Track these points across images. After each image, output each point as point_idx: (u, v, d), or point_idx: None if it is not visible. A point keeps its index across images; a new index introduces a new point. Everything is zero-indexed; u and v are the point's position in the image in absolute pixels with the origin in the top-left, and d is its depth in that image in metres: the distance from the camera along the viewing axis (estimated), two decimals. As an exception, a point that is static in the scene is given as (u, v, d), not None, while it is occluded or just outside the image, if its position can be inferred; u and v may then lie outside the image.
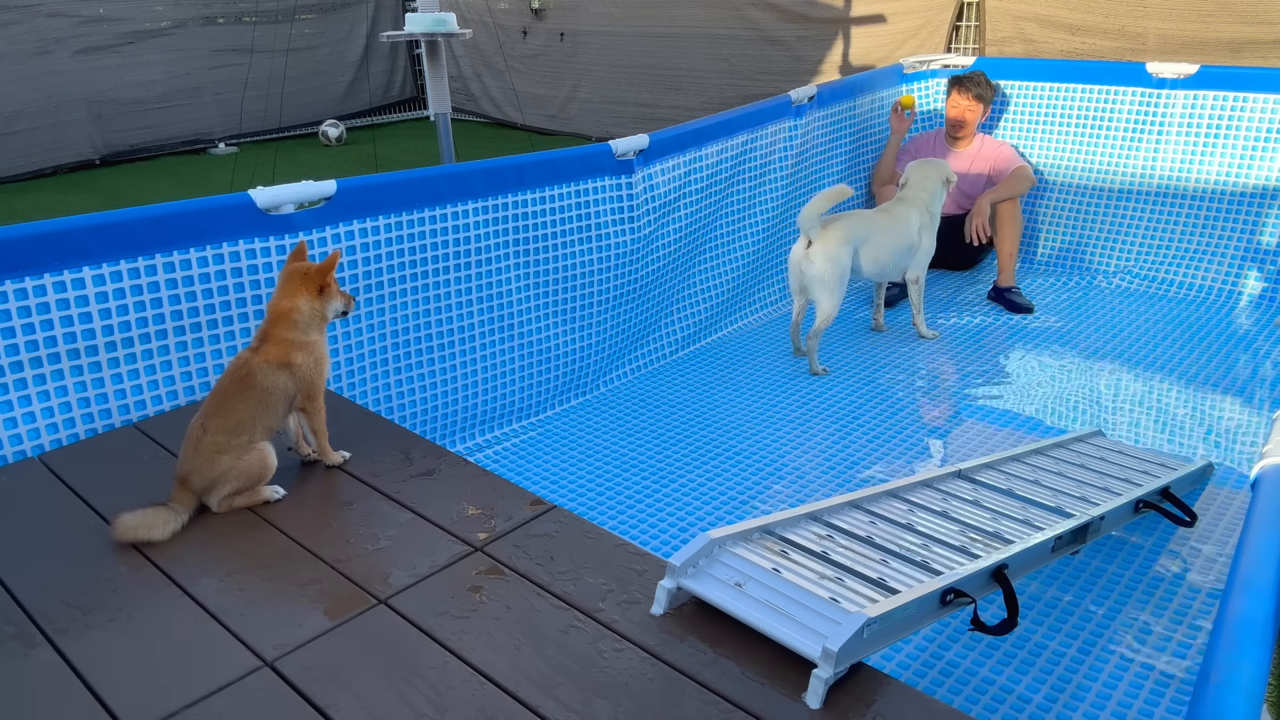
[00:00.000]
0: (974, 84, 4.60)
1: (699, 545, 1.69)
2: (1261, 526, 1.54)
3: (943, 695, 2.13)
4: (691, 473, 3.10)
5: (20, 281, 2.29)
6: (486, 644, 1.61)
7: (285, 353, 2.09)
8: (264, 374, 2.06)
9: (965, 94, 4.60)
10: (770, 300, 4.54)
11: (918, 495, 2.24)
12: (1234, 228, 4.45)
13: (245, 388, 2.04)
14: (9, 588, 1.80)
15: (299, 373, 2.10)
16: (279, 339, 2.10)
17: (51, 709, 1.49)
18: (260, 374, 2.05)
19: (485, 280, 3.29)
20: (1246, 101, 4.34)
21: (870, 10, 6.86)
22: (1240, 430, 3.29)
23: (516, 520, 1.99)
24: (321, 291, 2.16)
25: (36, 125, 7.95)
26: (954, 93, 4.64)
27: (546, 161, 3.35)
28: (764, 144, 4.24)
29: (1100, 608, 2.42)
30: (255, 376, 2.05)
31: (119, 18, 8.33)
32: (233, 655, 1.60)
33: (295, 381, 2.10)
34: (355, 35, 9.78)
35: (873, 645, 1.52)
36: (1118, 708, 2.09)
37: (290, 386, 2.09)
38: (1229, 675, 1.19)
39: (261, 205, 2.68)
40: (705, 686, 1.50)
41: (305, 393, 2.12)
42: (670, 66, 8.26)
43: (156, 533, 1.92)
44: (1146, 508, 2.52)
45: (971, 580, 1.77)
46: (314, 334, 2.15)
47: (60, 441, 2.39)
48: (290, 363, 2.09)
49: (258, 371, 2.05)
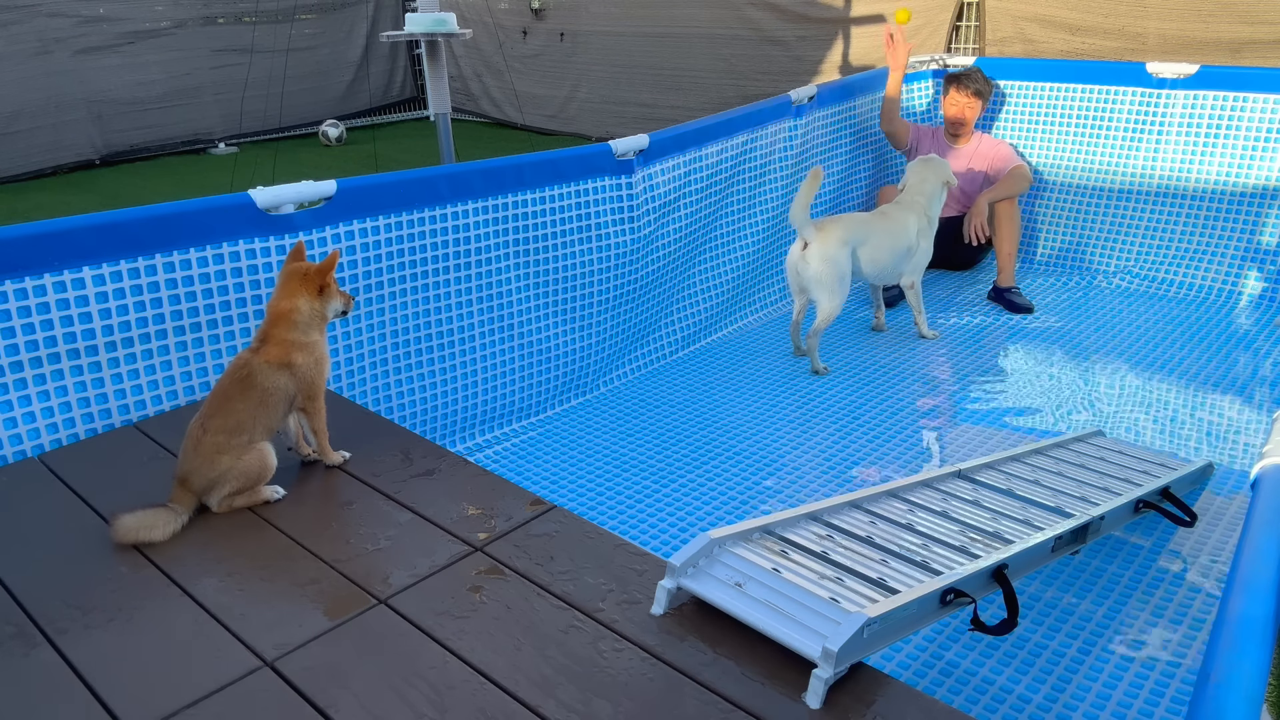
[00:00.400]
0: (972, 80, 4.60)
1: (699, 545, 1.69)
2: (1261, 526, 1.54)
3: (943, 695, 2.13)
4: (691, 473, 3.10)
5: (20, 281, 2.29)
6: (486, 644, 1.61)
7: (285, 353, 2.09)
8: (264, 374, 2.06)
9: (964, 91, 4.60)
10: (770, 300, 4.54)
11: (918, 495, 2.24)
12: (1234, 228, 4.45)
13: (245, 388, 2.04)
14: (9, 588, 1.80)
15: (299, 373, 2.10)
16: (279, 339, 2.10)
17: (51, 709, 1.49)
18: (260, 374, 2.05)
19: (485, 280, 3.29)
20: (1246, 101, 4.34)
21: (870, 10, 6.85)
22: (1240, 430, 3.29)
23: (516, 520, 1.99)
24: (321, 291, 2.16)
25: (36, 125, 7.95)
26: (952, 90, 4.64)
27: (546, 161, 3.35)
28: (764, 144, 4.24)
29: (1100, 608, 2.42)
30: (256, 377, 2.05)
31: (119, 18, 8.32)
32: (233, 655, 1.60)
33: (295, 382, 2.10)
34: (355, 35, 9.78)
35: (873, 645, 1.52)
36: (1118, 708, 2.09)
37: (290, 387, 2.09)
38: (1229, 675, 1.19)
39: (261, 205, 2.68)
40: (705, 686, 1.50)
41: (305, 393, 2.12)
42: (670, 66, 8.26)
43: (156, 534, 1.92)
44: (1146, 508, 2.52)
45: (971, 580, 1.77)
46: (314, 334, 2.15)
47: (60, 441, 2.39)
48: (290, 363, 2.09)
49: (258, 372, 2.05)
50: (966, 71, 4.66)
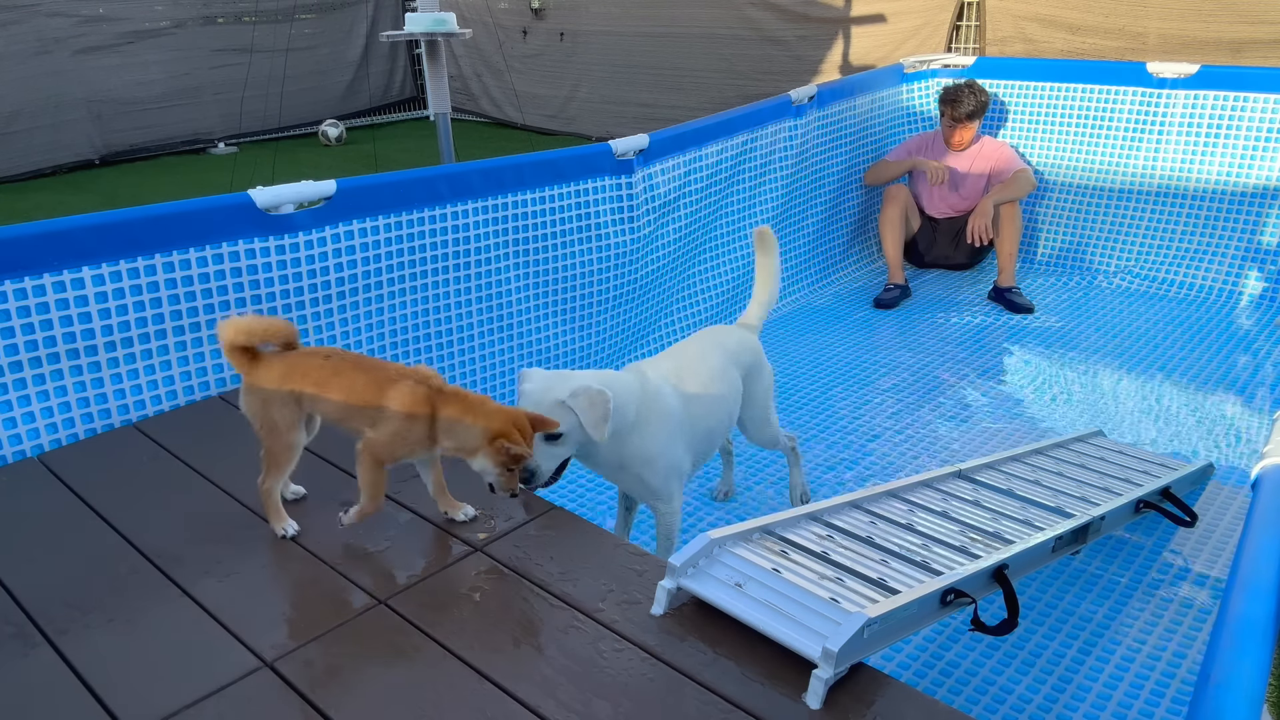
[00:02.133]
0: (964, 105, 4.51)
1: (699, 545, 1.69)
2: (1261, 526, 1.54)
3: (943, 695, 2.12)
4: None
5: (20, 281, 2.28)
6: (486, 644, 1.61)
7: (414, 404, 1.80)
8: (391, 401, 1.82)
9: (958, 116, 4.52)
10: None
11: (918, 495, 2.24)
12: (1234, 228, 4.45)
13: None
14: (9, 588, 1.80)
15: (381, 418, 1.82)
16: (426, 399, 1.81)
17: (51, 709, 1.49)
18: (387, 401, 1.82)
19: (485, 280, 3.29)
20: (1247, 101, 4.34)
21: (870, 10, 6.85)
22: (1240, 430, 3.29)
23: (516, 520, 1.98)
24: (493, 441, 1.78)
25: (36, 125, 7.95)
26: (947, 114, 4.58)
27: (546, 161, 3.34)
28: (764, 144, 4.24)
29: (1100, 608, 2.42)
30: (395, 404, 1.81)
31: (119, 17, 8.33)
32: (233, 655, 1.60)
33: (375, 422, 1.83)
34: (355, 35, 9.78)
35: (873, 645, 1.51)
36: (1118, 708, 2.09)
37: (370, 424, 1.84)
38: (1229, 675, 1.19)
39: (261, 205, 2.68)
40: (705, 687, 1.49)
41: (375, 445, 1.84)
42: (670, 66, 8.25)
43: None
44: (1147, 508, 2.51)
45: (972, 580, 1.76)
46: (427, 428, 1.82)
47: (60, 441, 2.39)
48: (397, 412, 1.81)
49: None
50: (959, 95, 4.55)
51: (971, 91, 4.55)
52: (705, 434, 2.40)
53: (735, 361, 2.52)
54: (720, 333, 2.60)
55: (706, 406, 2.39)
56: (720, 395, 2.44)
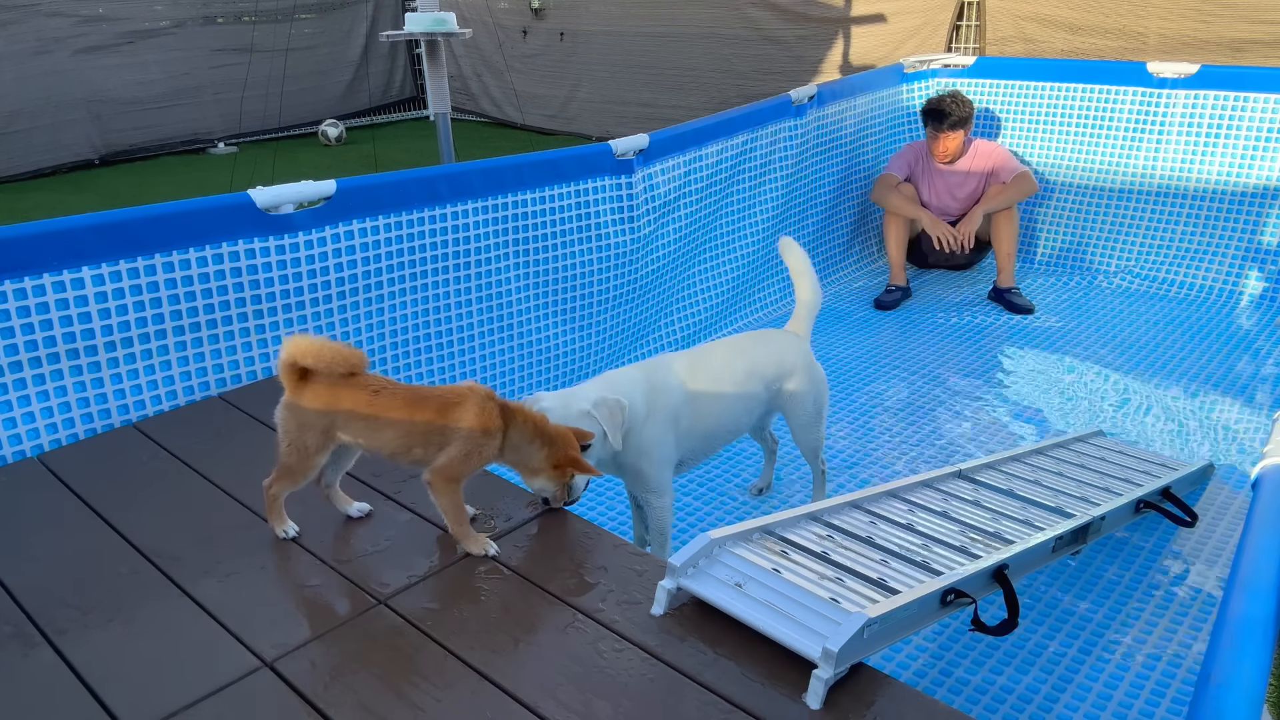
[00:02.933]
0: (946, 117, 4.44)
1: (699, 545, 1.69)
2: (1261, 527, 1.54)
3: (943, 696, 2.12)
4: (691, 473, 3.09)
5: (20, 281, 2.28)
6: (486, 644, 1.61)
7: (487, 421, 1.79)
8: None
9: (941, 129, 4.45)
10: (770, 300, 4.53)
11: (918, 495, 2.24)
12: (1235, 228, 4.45)
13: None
14: (9, 588, 1.79)
15: (454, 435, 1.79)
16: (500, 414, 1.80)
17: (51, 709, 1.49)
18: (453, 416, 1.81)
19: (485, 280, 3.29)
20: (1247, 101, 4.34)
21: (870, 10, 6.85)
22: (1240, 430, 3.29)
23: (516, 520, 1.98)
24: (561, 467, 1.82)
25: (36, 125, 7.95)
26: (929, 129, 4.51)
27: (546, 161, 3.34)
28: (764, 144, 4.24)
29: (1100, 608, 2.42)
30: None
31: (118, 17, 8.33)
32: (233, 655, 1.60)
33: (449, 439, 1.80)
34: (355, 35, 9.78)
35: (873, 646, 1.51)
36: (1118, 708, 2.09)
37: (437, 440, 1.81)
38: (1229, 675, 1.19)
39: (261, 205, 2.68)
40: (705, 687, 1.49)
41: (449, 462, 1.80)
42: (670, 66, 8.25)
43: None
44: (1147, 508, 2.51)
45: (972, 580, 1.76)
46: (499, 442, 1.82)
47: (60, 441, 2.39)
48: (486, 428, 1.79)
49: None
50: (941, 107, 4.47)
51: (955, 101, 4.47)
52: (702, 435, 2.40)
53: (758, 372, 2.51)
54: (758, 340, 2.61)
55: (709, 408, 2.39)
56: (728, 403, 2.44)
